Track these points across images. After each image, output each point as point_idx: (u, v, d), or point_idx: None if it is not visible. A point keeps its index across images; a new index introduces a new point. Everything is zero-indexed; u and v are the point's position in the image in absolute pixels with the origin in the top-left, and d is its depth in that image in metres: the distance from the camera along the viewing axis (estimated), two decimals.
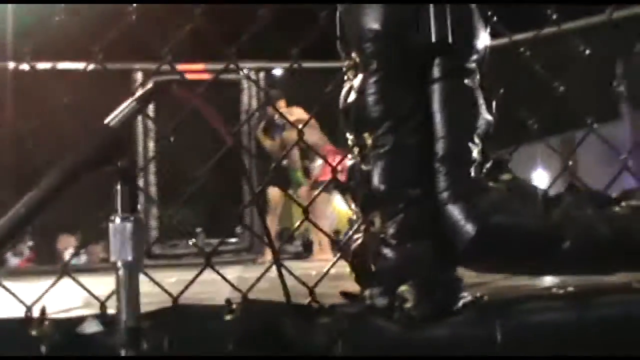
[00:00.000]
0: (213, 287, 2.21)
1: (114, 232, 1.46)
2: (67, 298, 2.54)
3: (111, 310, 1.54)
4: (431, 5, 1.81)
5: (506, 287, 2.61)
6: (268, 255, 7.90)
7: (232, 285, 1.85)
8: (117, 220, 1.47)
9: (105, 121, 1.50)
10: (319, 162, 7.47)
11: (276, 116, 7.70)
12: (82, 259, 9.81)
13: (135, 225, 1.47)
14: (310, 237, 9.44)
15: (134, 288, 1.46)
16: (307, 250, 10.02)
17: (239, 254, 9.25)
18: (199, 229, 12.12)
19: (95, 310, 1.79)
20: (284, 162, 7.76)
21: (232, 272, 5.91)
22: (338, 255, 2.01)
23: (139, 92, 1.52)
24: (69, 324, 1.51)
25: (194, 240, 9.42)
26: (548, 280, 2.50)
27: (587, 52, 2.48)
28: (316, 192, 7.11)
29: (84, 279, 1.99)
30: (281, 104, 7.76)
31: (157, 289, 1.93)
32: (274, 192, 7.78)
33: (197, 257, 8.66)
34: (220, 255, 9.24)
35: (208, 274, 2.00)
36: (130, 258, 1.45)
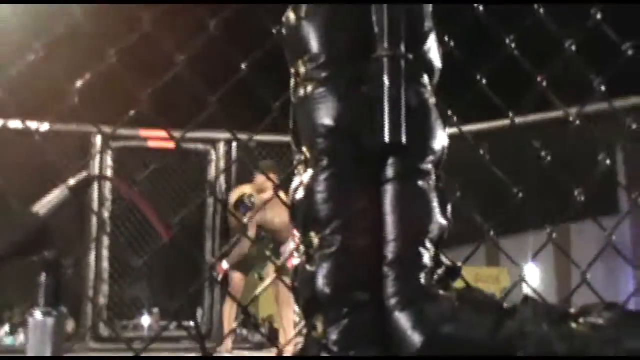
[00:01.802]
0: None
1: (34, 328, 1.52)
2: None
3: None
4: (386, 104, 1.91)
5: None
6: (229, 344, 7.86)
7: None
8: (38, 314, 1.52)
9: (34, 209, 1.56)
10: (290, 245, 7.43)
11: (247, 194, 7.65)
12: (21, 338, 9.69)
13: (57, 321, 1.52)
14: (274, 324, 9.44)
15: None
16: (270, 340, 9.98)
17: (195, 340, 9.16)
18: (155, 310, 12.06)
19: None
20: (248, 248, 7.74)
21: None
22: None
23: (71, 181, 1.59)
24: None
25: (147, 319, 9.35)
26: None
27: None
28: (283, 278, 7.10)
29: None
30: (272, 176, 7.70)
31: None
32: (235, 277, 7.74)
33: (149, 340, 8.59)
34: (178, 341, 9.17)
35: None
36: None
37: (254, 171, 7.88)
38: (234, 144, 9.32)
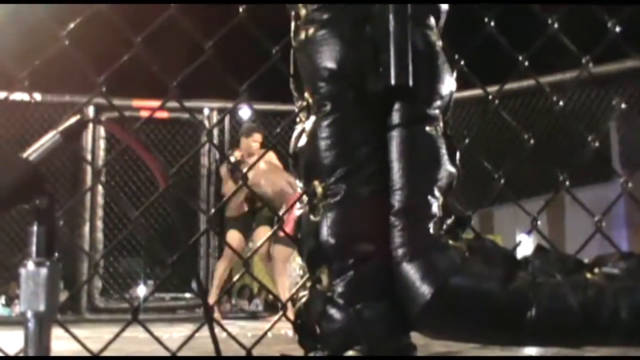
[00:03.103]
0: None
1: (26, 279, 1.43)
2: None
3: None
4: (392, 46, 1.82)
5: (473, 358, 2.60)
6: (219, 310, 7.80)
7: (161, 344, 1.82)
8: (30, 265, 1.44)
9: (24, 154, 1.48)
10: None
11: (244, 157, 7.55)
12: (17, 309, 9.63)
13: (51, 271, 1.44)
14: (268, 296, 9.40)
15: (44, 342, 1.43)
16: (267, 310, 9.96)
17: (192, 310, 9.16)
18: (150, 281, 12.05)
19: None
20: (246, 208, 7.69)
21: (183, 330, 5.86)
22: (279, 314, 1.98)
23: (63, 125, 1.50)
24: None
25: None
26: (519, 350, 2.49)
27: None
28: (280, 247, 7.04)
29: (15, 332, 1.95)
30: (257, 138, 7.59)
31: (99, 345, 1.89)
32: (232, 237, 7.62)
33: (145, 312, 8.56)
34: (174, 312, 9.15)
35: (161, 332, 1.96)
36: (42, 308, 1.42)
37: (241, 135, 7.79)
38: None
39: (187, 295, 10.35)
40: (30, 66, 2.13)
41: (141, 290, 11.77)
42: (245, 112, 9.77)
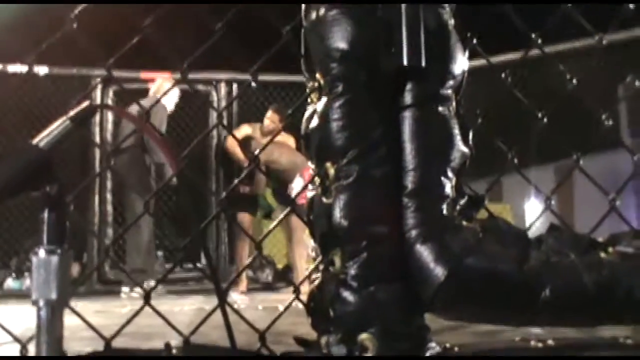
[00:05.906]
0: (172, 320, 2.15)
1: (38, 267, 1.42)
2: None
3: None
4: (404, 26, 1.79)
5: (484, 334, 2.59)
6: (244, 286, 7.80)
7: (173, 327, 1.80)
8: (42, 253, 1.43)
9: (34, 141, 1.46)
10: (297, 182, 7.27)
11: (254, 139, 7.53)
12: (27, 282, 9.66)
13: (62, 259, 1.43)
14: (278, 266, 9.38)
15: (56, 329, 1.42)
16: (276, 281, 9.95)
17: (202, 282, 9.15)
18: (159, 253, 12.04)
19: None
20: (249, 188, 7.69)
21: (194, 303, 5.86)
22: (292, 298, 1.96)
23: (73, 111, 1.48)
24: None
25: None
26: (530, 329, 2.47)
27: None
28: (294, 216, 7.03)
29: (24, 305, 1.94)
30: (273, 118, 7.58)
31: (110, 320, 1.88)
32: (243, 218, 7.65)
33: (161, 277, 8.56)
34: (185, 284, 9.14)
35: (172, 305, 1.95)
36: (53, 296, 1.41)
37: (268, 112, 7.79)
38: (235, 85, 9.22)
39: (198, 266, 10.33)
40: (36, 41, 2.10)
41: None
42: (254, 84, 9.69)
